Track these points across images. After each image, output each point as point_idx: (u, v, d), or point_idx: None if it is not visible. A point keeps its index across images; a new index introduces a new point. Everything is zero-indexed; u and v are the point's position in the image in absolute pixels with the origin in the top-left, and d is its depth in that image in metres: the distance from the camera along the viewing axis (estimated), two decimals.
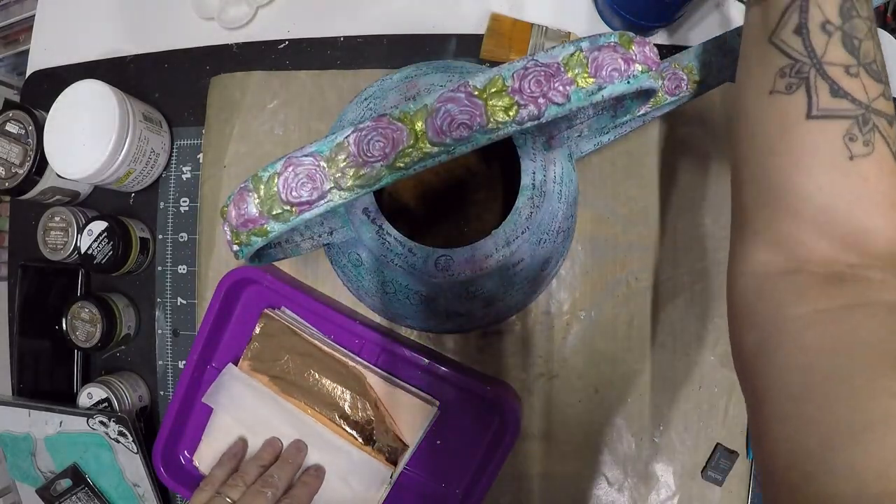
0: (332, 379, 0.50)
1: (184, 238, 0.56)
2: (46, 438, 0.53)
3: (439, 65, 0.43)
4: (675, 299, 0.54)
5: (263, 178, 0.28)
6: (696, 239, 0.54)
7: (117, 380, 0.54)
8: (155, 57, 0.58)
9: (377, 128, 0.27)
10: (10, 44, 1.04)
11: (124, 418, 0.51)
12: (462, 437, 0.50)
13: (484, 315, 0.45)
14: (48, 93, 0.54)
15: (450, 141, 0.27)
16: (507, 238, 0.38)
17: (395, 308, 0.45)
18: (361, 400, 0.49)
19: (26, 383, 0.57)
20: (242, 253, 0.30)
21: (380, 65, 0.56)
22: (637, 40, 0.28)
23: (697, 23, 0.57)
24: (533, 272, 0.43)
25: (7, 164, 0.53)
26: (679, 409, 0.53)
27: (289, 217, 0.28)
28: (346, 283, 0.48)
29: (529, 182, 0.38)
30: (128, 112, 0.51)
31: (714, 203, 0.55)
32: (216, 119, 0.56)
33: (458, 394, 0.50)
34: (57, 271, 0.57)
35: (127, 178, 0.53)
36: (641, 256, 0.54)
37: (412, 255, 0.37)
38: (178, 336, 0.56)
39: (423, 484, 0.51)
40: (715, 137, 0.55)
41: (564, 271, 0.53)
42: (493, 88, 0.27)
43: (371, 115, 0.32)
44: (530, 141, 0.39)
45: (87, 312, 0.53)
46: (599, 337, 0.53)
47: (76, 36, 0.61)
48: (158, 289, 0.56)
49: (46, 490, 0.53)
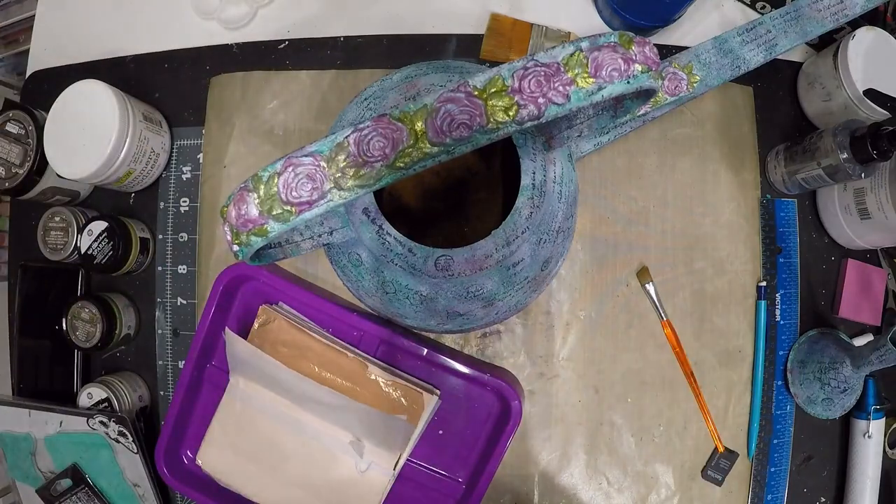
0: (332, 371, 0.50)
1: (184, 238, 0.56)
2: (46, 438, 0.53)
3: (439, 65, 0.43)
4: (674, 299, 0.54)
5: (263, 178, 0.28)
6: (695, 239, 0.54)
7: (117, 380, 0.54)
8: (155, 57, 0.58)
9: (377, 128, 0.27)
10: (10, 44, 1.04)
11: (124, 418, 0.51)
12: (464, 426, 0.51)
13: (484, 315, 0.45)
14: (48, 93, 0.54)
15: (450, 141, 0.27)
16: (507, 238, 0.38)
17: (395, 308, 0.45)
18: (361, 390, 0.49)
19: (26, 383, 0.57)
20: (242, 253, 0.30)
21: (380, 65, 0.56)
22: (637, 40, 0.28)
23: (697, 23, 0.57)
24: (533, 272, 0.43)
25: (7, 164, 0.53)
26: (679, 409, 0.53)
27: (289, 217, 0.28)
28: (346, 283, 0.48)
29: (529, 182, 0.38)
30: (128, 112, 0.51)
31: (714, 203, 0.55)
32: (216, 119, 0.56)
33: (458, 382, 0.50)
34: (57, 271, 0.57)
35: (127, 178, 0.53)
36: (641, 256, 0.54)
37: (412, 255, 0.37)
38: (178, 336, 0.56)
39: (427, 474, 0.51)
40: (714, 138, 0.55)
41: (564, 271, 0.53)
42: (493, 88, 0.27)
43: (371, 115, 0.32)
44: (530, 141, 0.39)
45: (87, 312, 0.53)
46: (599, 337, 0.53)
47: (76, 36, 0.61)
48: (158, 289, 0.56)
49: (46, 490, 0.53)
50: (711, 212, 0.54)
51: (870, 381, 0.53)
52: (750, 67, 0.43)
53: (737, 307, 0.54)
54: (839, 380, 0.51)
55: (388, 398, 0.49)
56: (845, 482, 0.55)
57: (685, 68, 0.42)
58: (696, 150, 0.55)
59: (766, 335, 0.54)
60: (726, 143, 0.55)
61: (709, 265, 0.54)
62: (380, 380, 0.49)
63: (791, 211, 0.56)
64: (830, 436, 0.56)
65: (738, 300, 0.54)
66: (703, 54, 0.43)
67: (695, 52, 0.43)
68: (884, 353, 0.46)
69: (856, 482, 0.54)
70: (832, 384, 0.51)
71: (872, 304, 0.56)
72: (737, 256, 0.54)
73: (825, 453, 0.55)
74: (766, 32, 0.43)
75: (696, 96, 0.43)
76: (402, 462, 0.49)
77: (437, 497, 0.51)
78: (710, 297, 0.54)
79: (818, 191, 0.56)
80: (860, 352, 0.49)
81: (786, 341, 0.55)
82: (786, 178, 0.54)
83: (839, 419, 0.55)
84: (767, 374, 0.54)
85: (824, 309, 0.56)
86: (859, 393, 0.52)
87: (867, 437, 0.53)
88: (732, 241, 0.54)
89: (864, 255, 0.57)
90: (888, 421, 0.55)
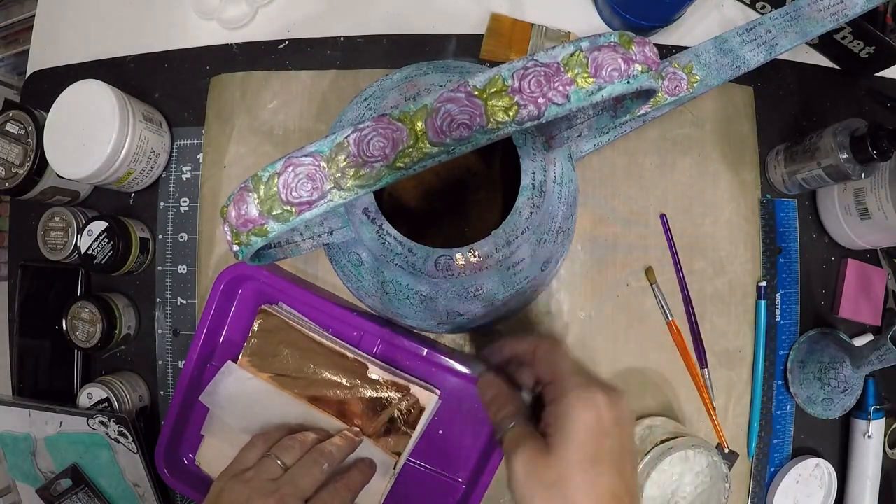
0: (331, 372, 0.50)
1: (184, 238, 0.56)
2: (46, 438, 0.53)
3: (439, 65, 0.43)
4: (674, 299, 0.54)
5: (263, 178, 0.28)
6: (695, 239, 0.54)
7: (117, 380, 0.54)
8: (155, 57, 0.58)
9: (377, 128, 0.27)
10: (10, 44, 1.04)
11: (124, 418, 0.51)
12: (464, 426, 0.51)
13: (484, 315, 0.45)
14: (48, 93, 0.54)
15: (450, 141, 0.27)
16: (507, 238, 0.38)
17: (395, 308, 0.45)
18: (362, 390, 0.49)
19: (26, 383, 0.57)
20: (242, 253, 0.30)
21: (380, 65, 0.56)
22: (637, 40, 0.28)
23: (697, 23, 0.57)
24: (533, 272, 0.43)
25: (7, 164, 0.53)
26: (679, 409, 0.53)
27: (289, 217, 0.28)
28: (346, 283, 0.48)
29: (529, 182, 0.38)
30: (128, 112, 0.51)
31: (714, 203, 0.55)
32: (216, 119, 0.56)
33: (458, 382, 0.50)
34: (57, 271, 0.57)
35: (127, 178, 0.53)
36: (641, 256, 0.54)
37: (412, 255, 0.37)
38: (178, 336, 0.56)
39: (427, 474, 0.51)
40: (714, 138, 0.55)
41: (564, 271, 0.53)
42: (493, 88, 0.27)
43: (371, 115, 0.32)
44: (530, 141, 0.39)
45: (87, 312, 0.53)
46: (599, 337, 0.53)
47: (76, 36, 0.61)
48: (158, 289, 0.56)
49: (46, 490, 0.53)
50: (711, 212, 0.54)
51: (870, 381, 0.53)
52: (750, 67, 0.43)
53: (737, 307, 0.54)
54: (839, 380, 0.51)
55: (388, 398, 0.49)
56: (845, 482, 0.55)
57: (685, 68, 0.42)
58: (696, 150, 0.55)
59: (766, 335, 0.54)
60: (726, 143, 0.55)
61: (709, 265, 0.54)
62: (380, 380, 0.49)
63: (791, 211, 0.56)
64: (830, 436, 0.56)
65: (738, 300, 0.54)
66: (703, 54, 0.43)
67: (695, 52, 0.43)
68: (884, 353, 0.46)
69: (856, 482, 0.54)
70: (832, 384, 0.51)
71: (872, 304, 0.56)
72: (737, 256, 0.54)
73: (825, 453, 0.55)
74: (766, 32, 0.43)
75: (696, 96, 0.43)
76: (402, 462, 0.49)
77: (437, 497, 0.51)
78: (710, 297, 0.54)
79: (818, 191, 0.56)
80: (860, 352, 0.49)
81: (786, 341, 0.55)
82: (786, 178, 0.54)
83: (839, 419, 0.55)
84: (767, 374, 0.54)
85: (824, 309, 0.56)
86: (859, 393, 0.52)
87: (867, 437, 0.53)
88: (732, 242, 0.54)
89: (864, 255, 0.57)
90: (888, 421, 0.55)
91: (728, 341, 0.54)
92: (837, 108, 0.57)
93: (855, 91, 0.58)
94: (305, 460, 0.43)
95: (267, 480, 0.41)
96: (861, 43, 0.53)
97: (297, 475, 0.42)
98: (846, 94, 0.58)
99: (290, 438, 0.45)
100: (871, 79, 0.58)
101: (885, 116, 0.58)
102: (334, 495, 0.43)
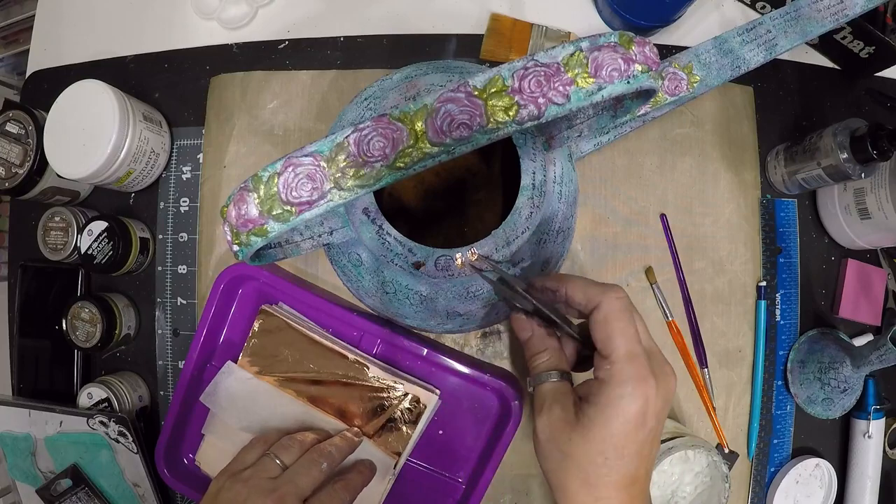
0: (332, 372, 0.50)
1: (184, 238, 0.56)
2: (46, 438, 0.53)
3: (439, 65, 0.43)
4: (674, 299, 0.54)
5: (263, 178, 0.28)
6: (695, 239, 0.54)
7: (117, 380, 0.54)
8: (155, 57, 0.58)
9: (377, 128, 0.27)
10: (10, 44, 1.04)
11: (124, 418, 0.51)
12: (464, 426, 0.51)
13: (484, 315, 0.45)
14: (48, 93, 0.54)
15: (450, 141, 0.27)
16: (507, 238, 0.38)
17: (395, 308, 0.45)
18: (362, 390, 0.49)
19: (26, 383, 0.57)
20: (242, 253, 0.30)
21: (380, 65, 0.56)
22: (637, 40, 0.28)
23: (697, 23, 0.57)
24: (533, 272, 0.43)
25: (7, 164, 0.53)
26: (679, 410, 0.53)
27: (289, 217, 0.28)
28: (346, 283, 0.48)
29: (529, 182, 0.38)
30: (128, 112, 0.51)
31: (714, 203, 0.55)
32: (216, 119, 0.56)
33: (458, 382, 0.50)
34: (57, 271, 0.57)
35: (127, 178, 0.53)
36: (641, 256, 0.54)
37: (412, 255, 0.37)
38: (178, 336, 0.56)
39: (427, 474, 0.51)
40: (714, 138, 0.55)
41: (564, 271, 0.53)
42: (493, 88, 0.27)
43: (371, 115, 0.32)
44: (530, 141, 0.39)
45: (87, 312, 0.53)
46: None
47: (76, 36, 0.61)
48: (158, 289, 0.56)
49: (46, 490, 0.53)
50: (711, 212, 0.54)
51: (870, 381, 0.53)
52: (750, 67, 0.43)
53: (737, 307, 0.54)
54: (839, 380, 0.51)
55: (388, 398, 0.49)
56: (845, 482, 0.55)
57: (685, 68, 0.42)
58: (696, 150, 0.55)
59: (766, 335, 0.54)
60: (726, 143, 0.55)
61: (709, 265, 0.54)
62: (380, 380, 0.49)
63: (791, 211, 0.56)
64: (830, 436, 0.56)
65: (738, 300, 0.54)
66: (703, 54, 0.43)
67: (695, 52, 0.43)
68: (884, 353, 0.46)
69: (856, 482, 0.54)
70: (832, 384, 0.51)
71: (872, 304, 0.56)
72: (737, 256, 0.54)
73: (825, 453, 0.55)
74: (766, 32, 0.43)
75: (696, 96, 0.43)
76: (402, 462, 0.49)
77: (437, 497, 0.51)
78: (710, 297, 0.54)
79: (818, 191, 0.56)
80: (860, 352, 0.49)
81: (786, 341, 0.55)
82: (786, 178, 0.54)
83: (839, 419, 0.55)
84: (767, 374, 0.54)
85: (824, 309, 0.56)
86: (859, 393, 0.52)
87: (867, 437, 0.53)
88: (732, 241, 0.54)
89: (864, 255, 0.57)
90: (888, 421, 0.55)
91: (728, 341, 0.54)
92: (837, 108, 0.57)
93: (855, 91, 0.58)
94: (304, 460, 0.43)
95: (265, 479, 0.41)
96: (861, 43, 0.53)
97: (295, 474, 0.42)
98: (846, 94, 0.58)
99: (289, 438, 0.45)
100: (871, 79, 0.58)
101: (885, 116, 0.58)
102: (333, 496, 0.43)
